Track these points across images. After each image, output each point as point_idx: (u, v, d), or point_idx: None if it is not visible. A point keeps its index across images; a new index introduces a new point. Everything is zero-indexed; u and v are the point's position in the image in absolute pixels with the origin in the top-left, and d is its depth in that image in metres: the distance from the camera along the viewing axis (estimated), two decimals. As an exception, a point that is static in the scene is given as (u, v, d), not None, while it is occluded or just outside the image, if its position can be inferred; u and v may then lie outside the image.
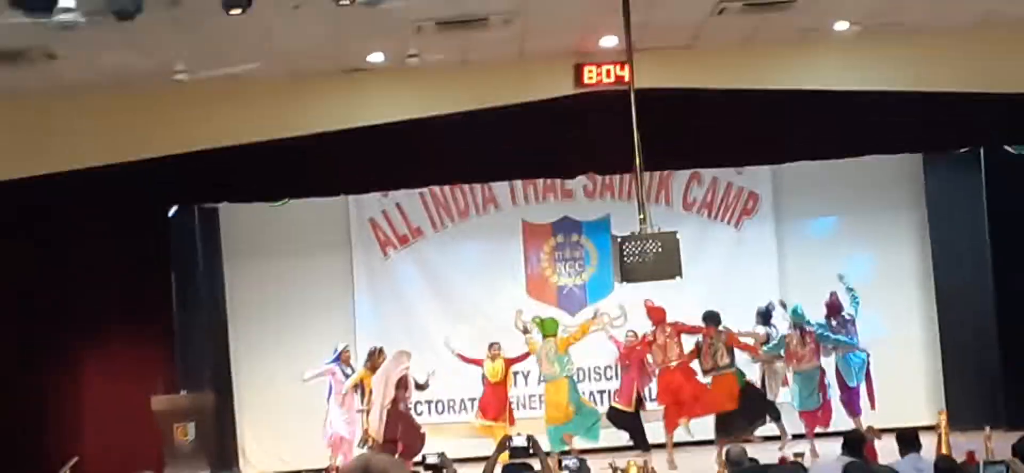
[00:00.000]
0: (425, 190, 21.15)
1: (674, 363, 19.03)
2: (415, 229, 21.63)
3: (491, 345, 19.56)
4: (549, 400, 19.33)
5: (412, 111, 17.04)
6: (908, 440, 13.33)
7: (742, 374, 19.04)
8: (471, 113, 16.93)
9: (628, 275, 15.21)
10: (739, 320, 19.29)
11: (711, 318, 19.01)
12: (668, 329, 19.15)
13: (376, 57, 16.44)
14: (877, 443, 15.36)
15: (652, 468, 16.26)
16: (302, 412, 19.83)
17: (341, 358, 19.28)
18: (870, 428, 16.22)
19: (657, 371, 19.30)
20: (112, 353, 17.40)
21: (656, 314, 19.17)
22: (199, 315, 19.81)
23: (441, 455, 12.81)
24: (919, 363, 21.14)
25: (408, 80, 16.95)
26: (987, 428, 17.13)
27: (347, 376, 19.10)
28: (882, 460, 13.58)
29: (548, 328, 19.44)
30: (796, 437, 18.75)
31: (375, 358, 18.85)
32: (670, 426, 19.01)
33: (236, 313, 21.15)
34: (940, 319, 20.99)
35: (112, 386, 17.27)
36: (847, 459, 12.67)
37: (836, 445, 13.00)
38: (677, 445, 19.06)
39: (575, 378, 19.63)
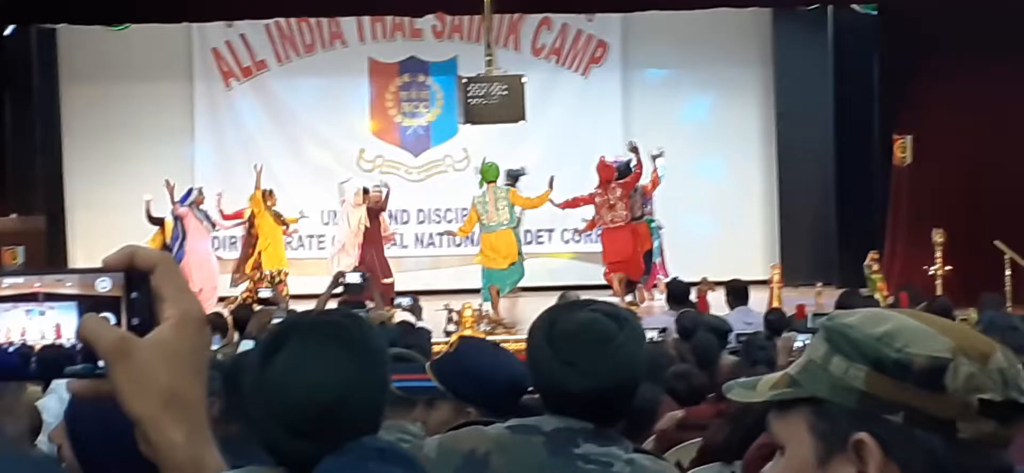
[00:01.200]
0: (271, 22, 20.74)
1: (621, 223, 18.34)
2: (259, 62, 21.26)
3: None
4: (493, 245, 17.74)
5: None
6: (737, 292, 13.51)
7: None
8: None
9: (472, 116, 15.17)
10: (584, 167, 19.08)
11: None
12: (618, 190, 18.23)
13: None
14: (710, 295, 15.52)
15: (486, 312, 16.33)
16: (137, 239, 19.45)
17: (195, 201, 18.89)
18: (704, 280, 16.35)
19: (601, 230, 18.52)
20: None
21: (605, 173, 18.44)
22: (32, 138, 19.31)
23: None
24: (757, 217, 21.37)
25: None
26: (819, 284, 17.46)
27: (203, 220, 18.75)
28: (713, 312, 13.72)
29: (490, 174, 17.84)
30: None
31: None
32: (621, 289, 18.10)
33: (72, 138, 20.69)
34: (780, 174, 21.21)
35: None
36: (680, 309, 12.82)
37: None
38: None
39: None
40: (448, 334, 14.85)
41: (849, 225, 19.66)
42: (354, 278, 13.02)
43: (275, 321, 11.42)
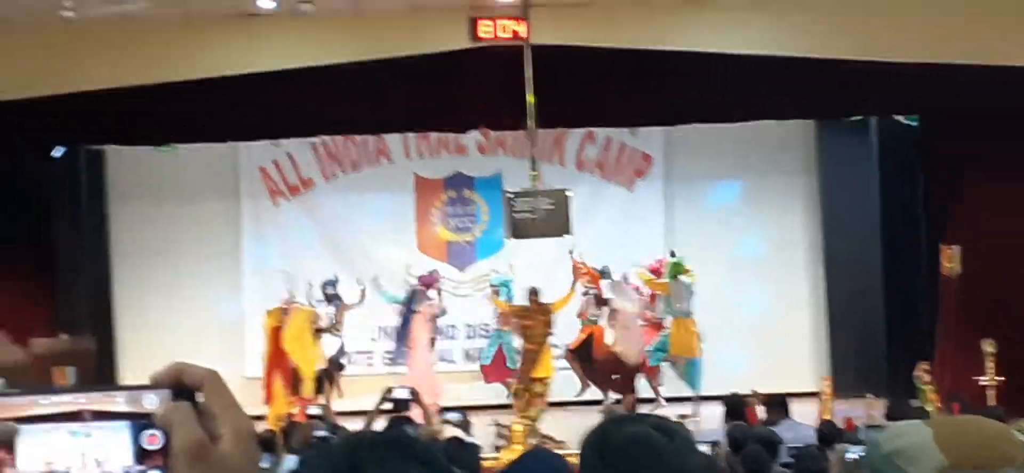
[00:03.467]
0: (317, 140, 20.92)
1: None
2: (306, 180, 21.43)
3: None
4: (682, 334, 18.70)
5: (304, 59, 16.79)
6: (775, 405, 13.35)
7: None
8: (364, 63, 16.72)
9: (518, 231, 15.20)
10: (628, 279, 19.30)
11: None
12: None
13: (267, 2, 16.19)
14: (759, 408, 15.42)
15: (537, 426, 16.27)
16: (185, 359, 19.49)
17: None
18: (754, 392, 16.25)
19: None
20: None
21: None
22: (82, 259, 19.47)
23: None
24: (806, 330, 21.28)
25: (301, 27, 16.70)
26: (869, 395, 17.33)
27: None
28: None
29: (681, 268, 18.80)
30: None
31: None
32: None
33: (121, 258, 20.86)
34: (828, 286, 21.15)
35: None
36: (731, 423, 12.74)
37: (714, 409, 13.03)
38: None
39: None
40: (497, 449, 14.82)
41: (898, 335, 19.50)
42: (402, 393, 13.01)
43: (318, 434, 11.45)
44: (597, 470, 3.20)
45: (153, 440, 1.47)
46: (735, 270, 20.28)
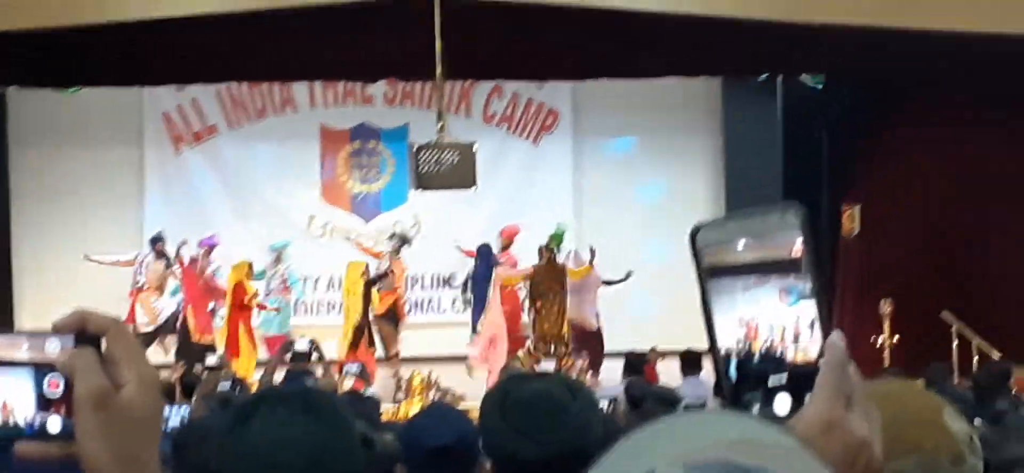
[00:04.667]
0: (222, 86, 20.73)
1: None
2: (210, 126, 21.24)
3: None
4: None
5: (211, 5, 16.60)
6: (690, 362, 13.53)
7: None
8: (271, 10, 16.57)
9: (423, 183, 15.18)
10: (533, 234, 19.30)
11: None
12: None
13: (176, -54, 16.01)
14: (659, 364, 15.56)
15: (435, 380, 16.30)
16: (85, 304, 19.37)
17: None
18: (653, 350, 16.40)
19: None
20: None
21: None
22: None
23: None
24: (705, 286, 21.37)
25: (208, -27, 16.52)
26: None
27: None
28: (663, 381, 13.77)
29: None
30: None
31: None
32: None
33: (20, 201, 20.56)
34: (729, 244, 21.26)
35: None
36: (630, 379, 12.82)
37: (615, 364, 13.13)
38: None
39: None
40: (397, 402, 14.83)
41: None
42: (302, 346, 13.00)
43: (222, 386, 11.39)
44: (499, 428, 3.21)
45: (54, 386, 1.46)
46: (638, 226, 20.35)
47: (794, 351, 1.57)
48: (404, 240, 19.25)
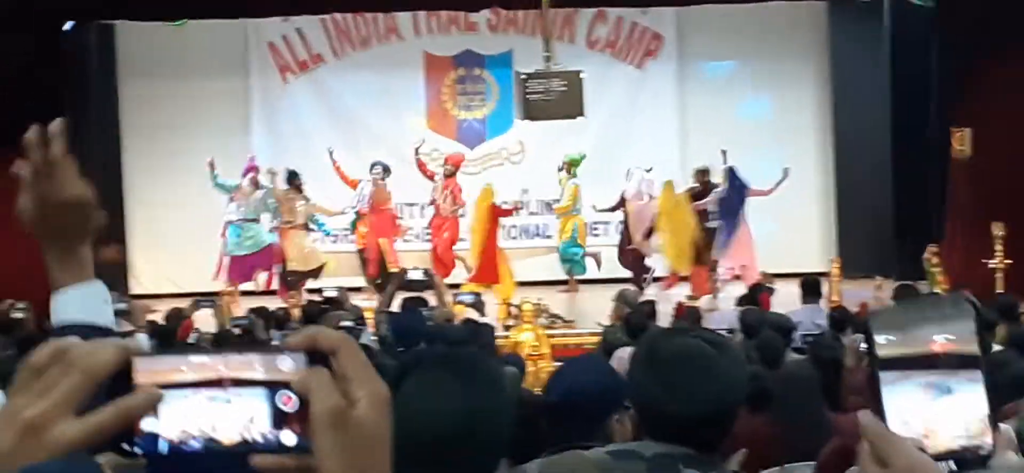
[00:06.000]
0: (326, 16, 20.83)
1: None
2: (315, 55, 21.36)
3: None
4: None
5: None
6: (811, 288, 13.46)
7: None
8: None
9: (531, 112, 15.18)
10: (638, 160, 19.33)
11: None
12: None
13: None
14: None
15: (546, 306, 16.33)
16: (192, 236, 19.67)
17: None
18: (763, 274, 16.35)
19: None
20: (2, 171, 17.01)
21: None
22: (91, 134, 19.42)
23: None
24: (814, 210, 21.30)
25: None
26: (878, 277, 17.36)
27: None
28: (775, 305, 13.70)
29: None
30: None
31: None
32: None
33: (130, 134, 20.86)
34: (837, 167, 21.14)
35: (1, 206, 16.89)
36: (744, 308, 12.79)
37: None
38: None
39: None
40: (507, 329, 14.87)
41: (907, 218, 19.49)
42: (417, 275, 13.02)
43: (343, 324, 11.49)
44: (647, 384, 3.23)
45: (288, 401, 1.47)
46: (746, 152, 20.19)
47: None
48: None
